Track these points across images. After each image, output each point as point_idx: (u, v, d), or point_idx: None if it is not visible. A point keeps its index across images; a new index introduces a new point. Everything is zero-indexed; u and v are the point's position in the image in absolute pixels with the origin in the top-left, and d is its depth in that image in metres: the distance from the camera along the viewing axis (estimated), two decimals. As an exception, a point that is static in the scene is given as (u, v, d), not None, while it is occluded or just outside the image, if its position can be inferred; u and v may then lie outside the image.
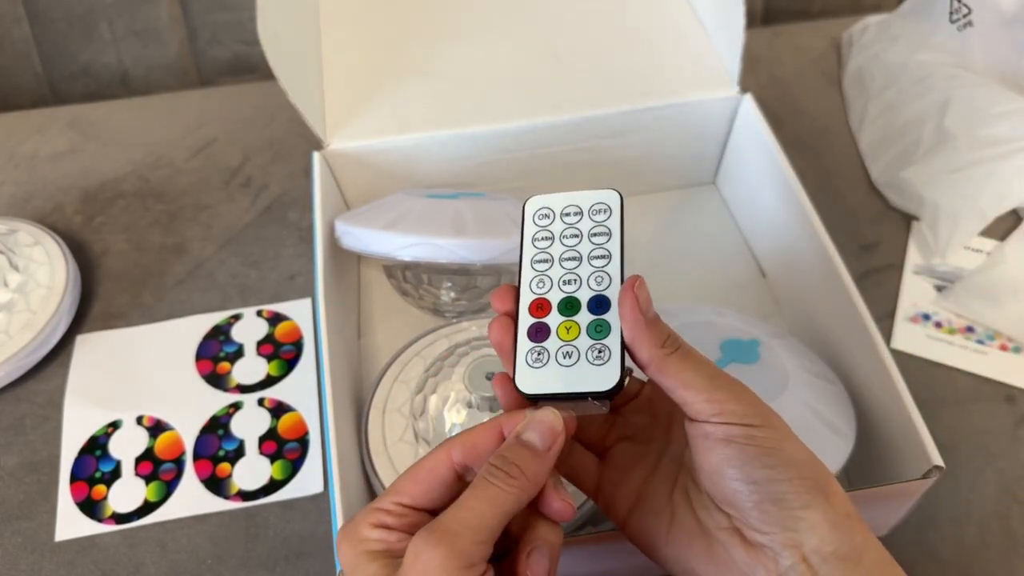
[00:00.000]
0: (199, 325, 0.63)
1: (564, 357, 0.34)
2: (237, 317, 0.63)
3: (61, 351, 0.61)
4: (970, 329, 0.61)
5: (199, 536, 0.52)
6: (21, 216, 0.69)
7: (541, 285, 0.35)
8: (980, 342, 0.60)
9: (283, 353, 0.61)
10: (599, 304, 0.34)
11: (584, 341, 0.34)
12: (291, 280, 0.66)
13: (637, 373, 0.38)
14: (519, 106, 0.61)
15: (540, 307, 0.35)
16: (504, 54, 0.65)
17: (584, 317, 0.34)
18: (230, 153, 0.75)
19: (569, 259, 0.36)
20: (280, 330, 0.62)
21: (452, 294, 0.58)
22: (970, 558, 0.51)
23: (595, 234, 0.36)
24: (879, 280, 0.65)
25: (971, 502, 0.53)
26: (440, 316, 0.60)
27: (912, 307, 0.63)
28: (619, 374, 0.33)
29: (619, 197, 0.37)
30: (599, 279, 0.35)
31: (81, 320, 0.63)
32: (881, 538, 0.35)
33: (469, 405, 0.48)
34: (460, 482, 0.32)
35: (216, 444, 0.56)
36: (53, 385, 0.60)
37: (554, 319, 0.34)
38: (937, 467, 0.42)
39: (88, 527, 0.53)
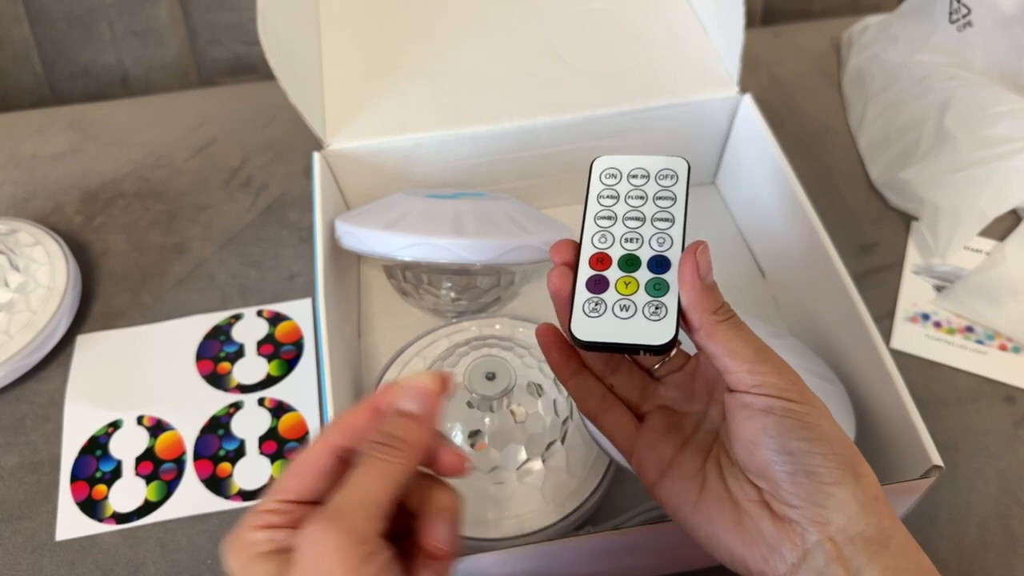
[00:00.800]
0: (199, 325, 0.63)
1: (621, 310, 0.35)
2: (237, 317, 0.63)
3: (61, 351, 0.61)
4: (970, 329, 0.61)
5: (199, 536, 0.52)
6: (21, 216, 0.69)
7: (603, 240, 0.36)
8: (980, 342, 0.60)
9: (283, 353, 0.61)
10: (659, 264, 0.36)
11: (642, 297, 0.35)
12: (291, 280, 0.66)
13: (684, 347, 0.39)
14: (519, 106, 0.61)
15: (600, 261, 0.36)
16: (504, 54, 0.65)
17: (643, 275, 0.35)
18: (230, 153, 0.75)
19: (632, 218, 0.37)
20: (280, 330, 0.63)
21: (452, 294, 0.58)
22: (970, 558, 0.51)
23: (660, 198, 0.37)
24: (879, 280, 0.65)
25: (971, 502, 0.53)
26: (440, 316, 0.60)
27: (912, 307, 0.63)
28: (674, 331, 0.34)
29: (687, 165, 0.38)
30: (661, 240, 0.36)
31: (81, 320, 0.63)
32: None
33: (469, 405, 0.48)
34: (343, 467, 0.32)
35: (216, 444, 0.56)
36: (53, 385, 0.60)
37: (613, 273, 0.35)
38: (937, 467, 0.42)
39: (88, 527, 0.53)
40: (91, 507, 0.54)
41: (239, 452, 0.56)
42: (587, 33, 0.67)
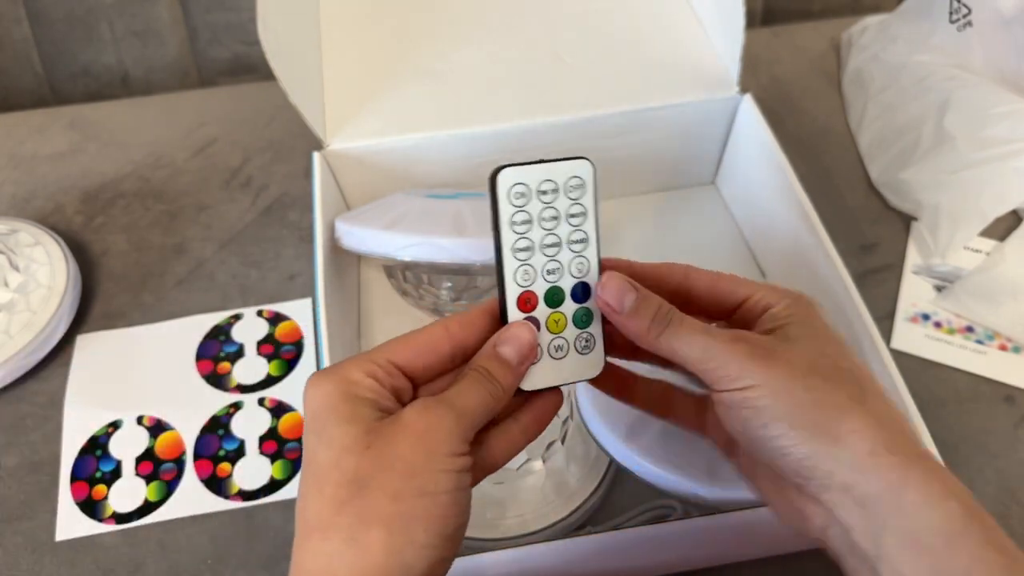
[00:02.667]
0: (199, 325, 0.63)
1: (556, 351, 0.35)
2: (237, 317, 0.63)
3: (61, 351, 0.61)
4: (969, 329, 0.61)
5: (199, 536, 0.52)
6: (22, 216, 0.69)
7: (526, 277, 0.35)
8: (979, 342, 0.60)
9: (283, 353, 0.61)
10: (582, 292, 0.36)
11: (571, 331, 0.35)
12: (291, 280, 0.66)
13: None
14: (519, 106, 0.61)
15: (527, 301, 0.35)
16: (504, 54, 0.65)
17: (569, 307, 0.35)
18: (230, 153, 0.75)
19: (550, 245, 0.35)
20: (280, 330, 0.63)
21: (452, 294, 0.58)
22: (970, 558, 0.51)
23: (572, 215, 0.36)
24: (879, 280, 0.65)
25: (971, 502, 0.53)
26: (440, 316, 0.60)
27: (912, 307, 0.63)
28: (603, 361, 0.36)
29: (592, 167, 0.36)
30: (580, 265, 0.36)
31: (81, 320, 0.63)
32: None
33: (469, 405, 0.48)
34: (451, 362, 0.33)
35: (216, 444, 0.56)
36: (53, 385, 0.60)
37: (542, 312, 0.35)
38: (937, 467, 0.42)
39: (88, 527, 0.53)
40: (91, 507, 0.54)
41: (239, 452, 0.56)
42: (587, 33, 0.67)
